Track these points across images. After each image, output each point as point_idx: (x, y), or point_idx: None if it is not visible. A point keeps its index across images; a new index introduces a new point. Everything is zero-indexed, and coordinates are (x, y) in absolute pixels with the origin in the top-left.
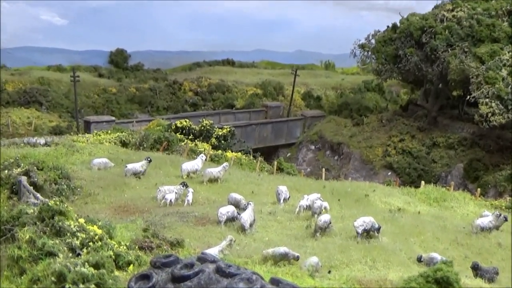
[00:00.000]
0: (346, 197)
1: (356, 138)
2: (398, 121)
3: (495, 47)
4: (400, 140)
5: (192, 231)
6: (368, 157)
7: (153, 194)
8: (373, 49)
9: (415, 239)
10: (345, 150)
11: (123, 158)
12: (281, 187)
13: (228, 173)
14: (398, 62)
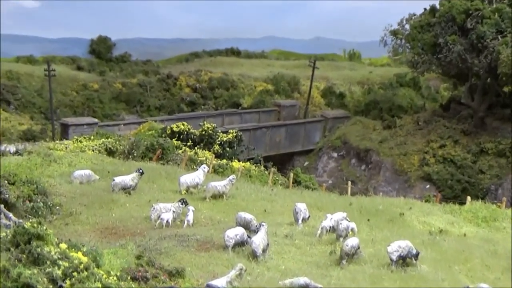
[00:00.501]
0: (377, 216)
1: (387, 143)
2: (438, 123)
3: None
4: (441, 146)
5: (194, 258)
6: (401, 166)
7: (146, 213)
8: (408, 37)
9: (460, 267)
10: (374, 158)
11: (109, 169)
12: (299, 204)
13: (235, 187)
14: (438, 52)
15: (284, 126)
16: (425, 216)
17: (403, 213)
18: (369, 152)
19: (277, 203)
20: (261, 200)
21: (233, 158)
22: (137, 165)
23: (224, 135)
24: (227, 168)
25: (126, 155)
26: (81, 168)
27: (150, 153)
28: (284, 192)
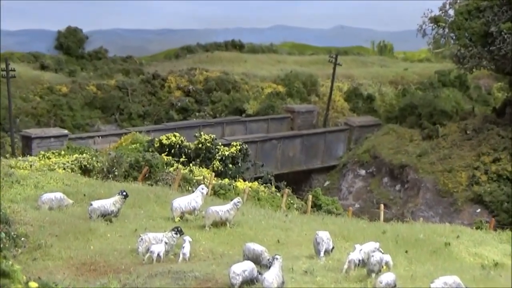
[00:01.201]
0: (417, 247)
1: (427, 157)
2: (491, 131)
3: None
4: (494, 161)
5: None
6: (446, 186)
7: (132, 245)
8: (452, 25)
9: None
10: (411, 176)
11: (85, 191)
12: (321, 233)
13: (241, 212)
14: (490, 43)
15: (299, 137)
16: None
17: (449, 242)
18: (405, 168)
19: (293, 232)
20: (273, 229)
21: (237, 177)
22: (118, 187)
23: (225, 149)
24: (230, 190)
25: (105, 174)
26: (50, 190)
27: (135, 172)
28: (301, 218)
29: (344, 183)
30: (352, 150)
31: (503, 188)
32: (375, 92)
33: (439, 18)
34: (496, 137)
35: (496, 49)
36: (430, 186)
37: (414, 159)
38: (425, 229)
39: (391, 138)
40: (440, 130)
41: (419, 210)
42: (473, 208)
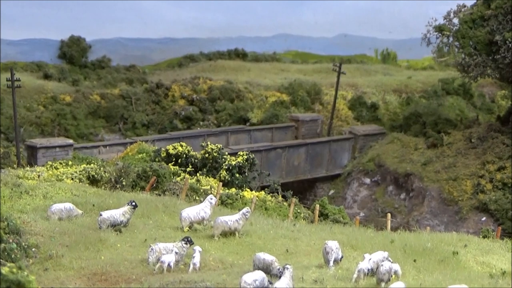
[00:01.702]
0: (425, 256)
1: (432, 166)
2: (496, 139)
3: None
4: (499, 169)
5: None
6: (451, 194)
7: (142, 255)
8: (457, 33)
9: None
10: (416, 184)
11: (94, 202)
12: (330, 243)
13: (249, 222)
14: (494, 52)
15: (303, 146)
16: (484, 255)
17: (457, 251)
18: (410, 177)
19: (302, 242)
20: (281, 238)
21: (244, 187)
22: (127, 197)
23: (232, 158)
24: (237, 199)
25: (113, 184)
26: (59, 200)
27: (142, 182)
28: (309, 228)
29: (349, 192)
30: (357, 158)
31: (508, 196)
32: (379, 100)
33: (444, 27)
34: (500, 145)
35: (501, 58)
36: (435, 195)
37: (419, 167)
38: (432, 238)
39: (395, 146)
40: (444, 139)
41: (424, 218)
42: (478, 216)
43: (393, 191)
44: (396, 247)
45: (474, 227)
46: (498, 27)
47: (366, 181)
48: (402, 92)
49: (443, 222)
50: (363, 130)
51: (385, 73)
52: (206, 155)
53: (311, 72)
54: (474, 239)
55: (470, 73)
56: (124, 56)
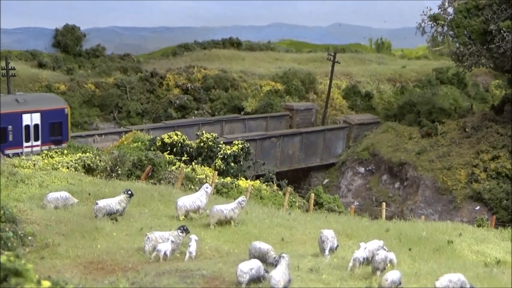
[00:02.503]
0: (420, 245)
1: (426, 155)
2: (490, 129)
3: None
4: (493, 158)
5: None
6: (445, 183)
7: (138, 244)
8: (451, 23)
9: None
10: (410, 173)
11: (90, 191)
12: (326, 232)
13: (245, 211)
14: (489, 41)
15: (298, 135)
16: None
17: (451, 240)
18: (404, 166)
19: (297, 230)
20: (277, 227)
21: (239, 176)
22: (122, 185)
23: (227, 147)
24: (232, 188)
25: (108, 173)
26: (55, 189)
27: (138, 171)
28: (305, 216)
29: (343, 181)
30: (351, 147)
31: (502, 185)
32: (373, 89)
33: (439, 16)
34: (495, 134)
35: (495, 47)
36: (429, 184)
37: (413, 156)
38: (427, 227)
39: (390, 136)
40: (439, 128)
41: (418, 207)
42: (472, 205)
43: (387, 180)
44: (391, 236)
45: (468, 216)
46: (492, 16)
47: (360, 170)
48: (396, 81)
49: (437, 211)
50: (357, 119)
51: (380, 62)
52: (201, 144)
53: (305, 61)
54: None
55: (464, 62)
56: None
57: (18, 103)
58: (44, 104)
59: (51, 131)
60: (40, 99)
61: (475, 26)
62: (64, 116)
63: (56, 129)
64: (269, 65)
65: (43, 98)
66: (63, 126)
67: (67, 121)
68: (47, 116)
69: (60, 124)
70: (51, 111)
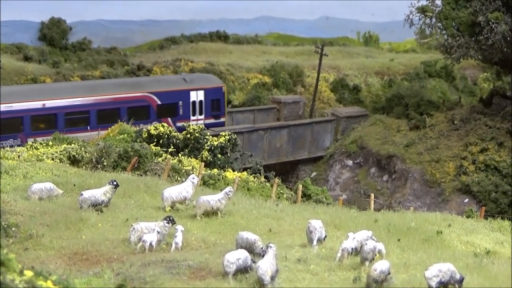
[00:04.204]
0: (409, 235)
1: (415, 148)
2: (478, 121)
3: None
4: (482, 150)
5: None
6: (433, 176)
7: (123, 235)
8: (439, 14)
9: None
10: (398, 166)
11: (75, 182)
12: (314, 222)
13: (232, 202)
14: (477, 33)
15: (285, 127)
16: (468, 235)
17: (441, 231)
18: (393, 159)
19: (285, 221)
20: (264, 218)
21: (226, 167)
22: (108, 177)
23: (214, 139)
24: (219, 180)
25: (94, 165)
26: (39, 180)
27: (124, 162)
28: (292, 208)
29: (331, 174)
30: (339, 140)
31: (490, 178)
32: (361, 83)
33: (427, 8)
34: (483, 127)
35: (484, 39)
36: (417, 176)
37: (402, 149)
38: (416, 217)
39: (378, 128)
40: (427, 121)
41: (407, 200)
42: (461, 198)
43: (375, 173)
44: (380, 226)
45: (457, 208)
46: (481, 8)
47: (348, 163)
48: (384, 74)
49: (425, 204)
50: (345, 112)
51: (368, 55)
52: (188, 135)
53: (293, 54)
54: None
55: (453, 54)
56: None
57: (185, 82)
58: (206, 83)
59: (212, 106)
60: (202, 78)
61: (463, 18)
62: (222, 93)
63: (215, 104)
64: (257, 58)
65: (204, 78)
66: (221, 102)
67: (224, 98)
68: (209, 93)
69: (219, 100)
70: (212, 89)
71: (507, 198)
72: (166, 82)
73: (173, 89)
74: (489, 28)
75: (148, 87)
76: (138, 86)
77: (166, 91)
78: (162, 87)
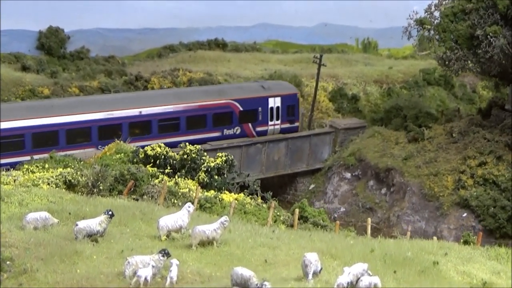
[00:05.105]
0: (405, 266)
1: (413, 161)
2: (477, 134)
3: None
4: (480, 164)
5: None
6: (432, 190)
7: (118, 268)
8: (438, 27)
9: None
10: (397, 179)
11: (70, 209)
12: (309, 255)
13: (228, 229)
14: (475, 46)
15: (283, 140)
16: (465, 264)
17: (437, 261)
18: (391, 172)
19: (281, 250)
20: (260, 247)
21: (223, 189)
22: (104, 203)
23: (211, 160)
24: (216, 203)
25: (90, 189)
26: (35, 208)
27: (120, 185)
28: (289, 234)
29: (329, 186)
30: (338, 153)
31: (489, 192)
32: (360, 91)
33: (425, 20)
34: (482, 140)
35: (482, 52)
36: (416, 190)
37: (400, 162)
38: (413, 246)
39: (376, 140)
40: (425, 133)
41: (405, 214)
42: (459, 212)
43: (374, 186)
44: (376, 256)
45: (455, 223)
46: (479, 21)
47: (347, 176)
48: (383, 82)
49: (424, 218)
50: (343, 123)
51: (366, 63)
52: (184, 156)
53: (291, 62)
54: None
55: (451, 67)
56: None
57: (264, 89)
58: (282, 89)
59: (288, 112)
60: (279, 85)
61: (461, 31)
62: (296, 100)
63: (290, 110)
64: (255, 67)
65: (280, 85)
66: (295, 108)
67: (298, 104)
68: (285, 99)
69: (294, 106)
70: (288, 96)
71: (505, 213)
72: (247, 90)
73: (253, 96)
74: (487, 42)
75: (231, 94)
76: (223, 94)
77: (248, 98)
78: (244, 94)
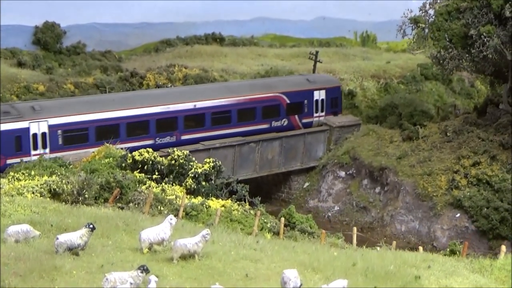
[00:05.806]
0: (386, 280)
1: (407, 160)
2: (471, 134)
3: None
4: (474, 164)
5: None
6: (425, 190)
7: (98, 284)
8: (432, 26)
9: None
10: (391, 178)
11: (53, 221)
12: (288, 272)
13: (212, 240)
14: (470, 45)
15: (277, 139)
16: (447, 278)
17: (419, 276)
18: (385, 171)
19: (263, 264)
20: (242, 260)
21: (210, 195)
22: (87, 214)
23: (199, 165)
24: (202, 210)
25: (75, 198)
26: (17, 219)
27: (106, 193)
28: (273, 244)
29: (323, 185)
30: (332, 151)
31: (482, 192)
32: (357, 87)
33: (419, 19)
34: (476, 139)
35: (476, 52)
36: (409, 190)
37: (394, 161)
38: (396, 259)
39: (371, 139)
40: (420, 131)
41: (399, 214)
42: (453, 212)
43: (368, 184)
44: (357, 271)
45: (448, 223)
46: (473, 20)
47: (341, 174)
48: (380, 77)
49: (417, 217)
50: (338, 121)
51: (364, 57)
52: (172, 161)
53: (289, 56)
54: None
55: (445, 66)
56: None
57: (309, 82)
58: (327, 83)
59: (331, 104)
60: (323, 79)
61: (455, 30)
62: (339, 92)
63: (334, 102)
64: (252, 62)
65: (325, 78)
66: (339, 101)
67: (341, 97)
68: (330, 92)
69: (337, 98)
70: (332, 88)
71: (498, 214)
72: (293, 83)
73: (300, 89)
74: (481, 42)
75: (279, 88)
76: (271, 87)
77: (294, 91)
78: (290, 88)
